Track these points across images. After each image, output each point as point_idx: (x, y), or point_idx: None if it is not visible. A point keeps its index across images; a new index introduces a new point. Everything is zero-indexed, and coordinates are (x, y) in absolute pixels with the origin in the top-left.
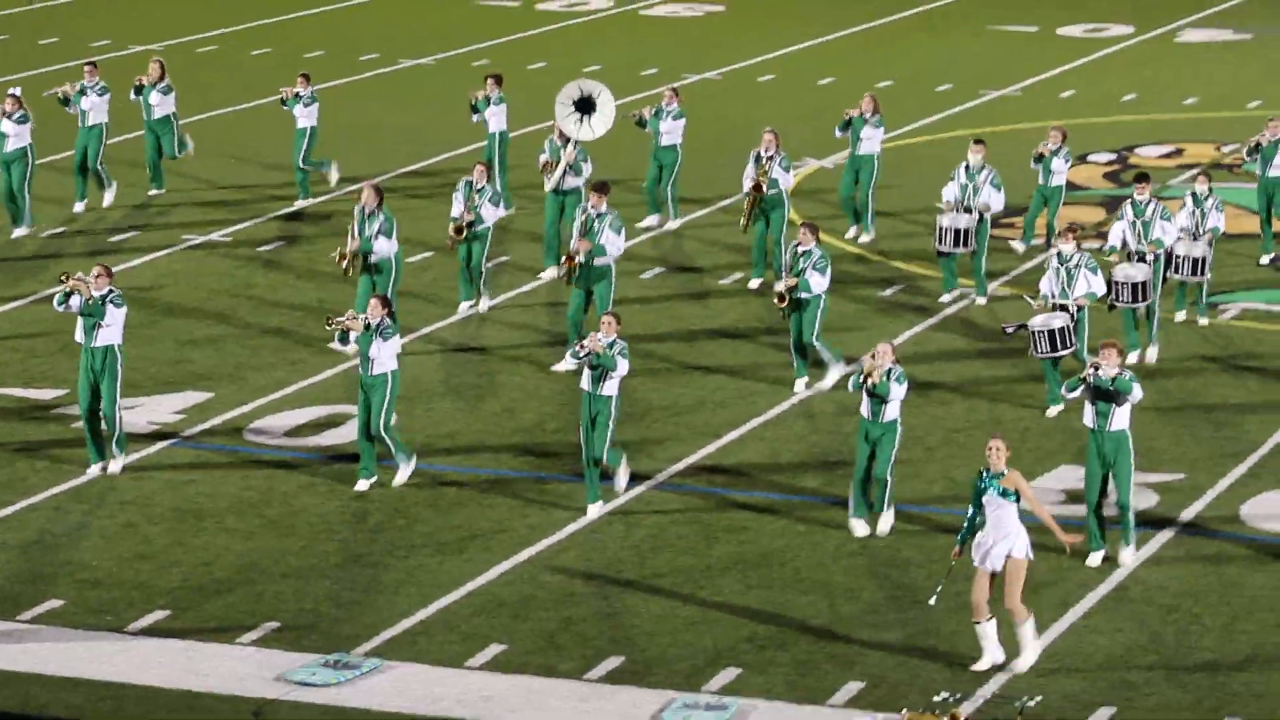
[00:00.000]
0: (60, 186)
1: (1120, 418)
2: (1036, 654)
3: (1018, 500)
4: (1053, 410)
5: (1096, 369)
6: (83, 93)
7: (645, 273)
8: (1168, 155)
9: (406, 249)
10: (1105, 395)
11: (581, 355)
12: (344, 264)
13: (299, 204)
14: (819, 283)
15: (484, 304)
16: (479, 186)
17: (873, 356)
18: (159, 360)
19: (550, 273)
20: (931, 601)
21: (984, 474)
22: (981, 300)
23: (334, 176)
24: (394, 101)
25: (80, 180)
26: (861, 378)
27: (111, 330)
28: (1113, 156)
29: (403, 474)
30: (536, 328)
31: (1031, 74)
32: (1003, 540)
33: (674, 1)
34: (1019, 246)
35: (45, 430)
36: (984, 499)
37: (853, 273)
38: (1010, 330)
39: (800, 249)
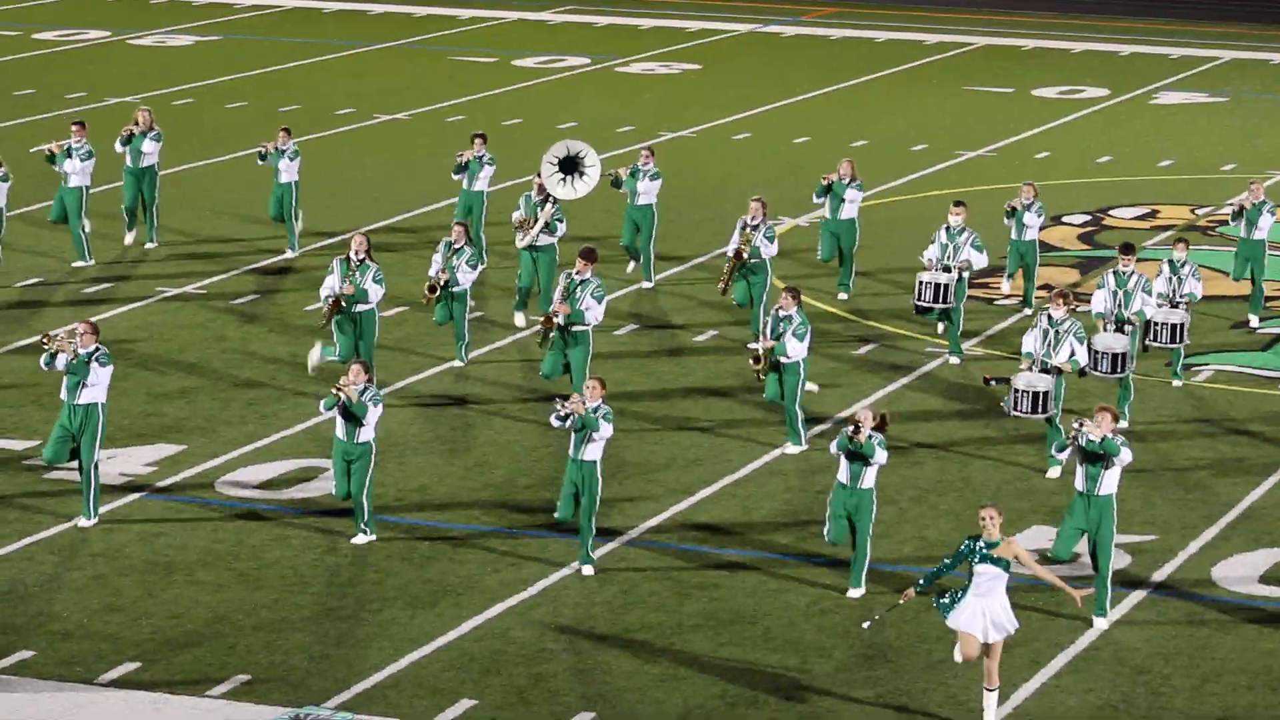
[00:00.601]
0: (34, 237)
1: (1109, 482)
2: None
3: (1009, 569)
4: (1053, 471)
5: (1081, 426)
6: (68, 154)
7: (620, 329)
8: (1142, 217)
9: (382, 303)
10: (1093, 457)
11: (563, 416)
12: (332, 313)
13: (289, 255)
14: (796, 350)
15: (458, 364)
16: (457, 247)
17: (858, 424)
18: (131, 412)
19: (520, 319)
20: (865, 625)
21: (976, 542)
22: (956, 360)
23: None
24: (369, 156)
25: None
26: (849, 440)
27: (96, 389)
28: (1088, 218)
29: (361, 539)
30: (510, 383)
31: (1007, 135)
32: (999, 612)
33: (650, 59)
34: (1006, 286)
35: (16, 482)
36: (976, 568)
37: (829, 330)
38: (993, 383)
39: (781, 314)
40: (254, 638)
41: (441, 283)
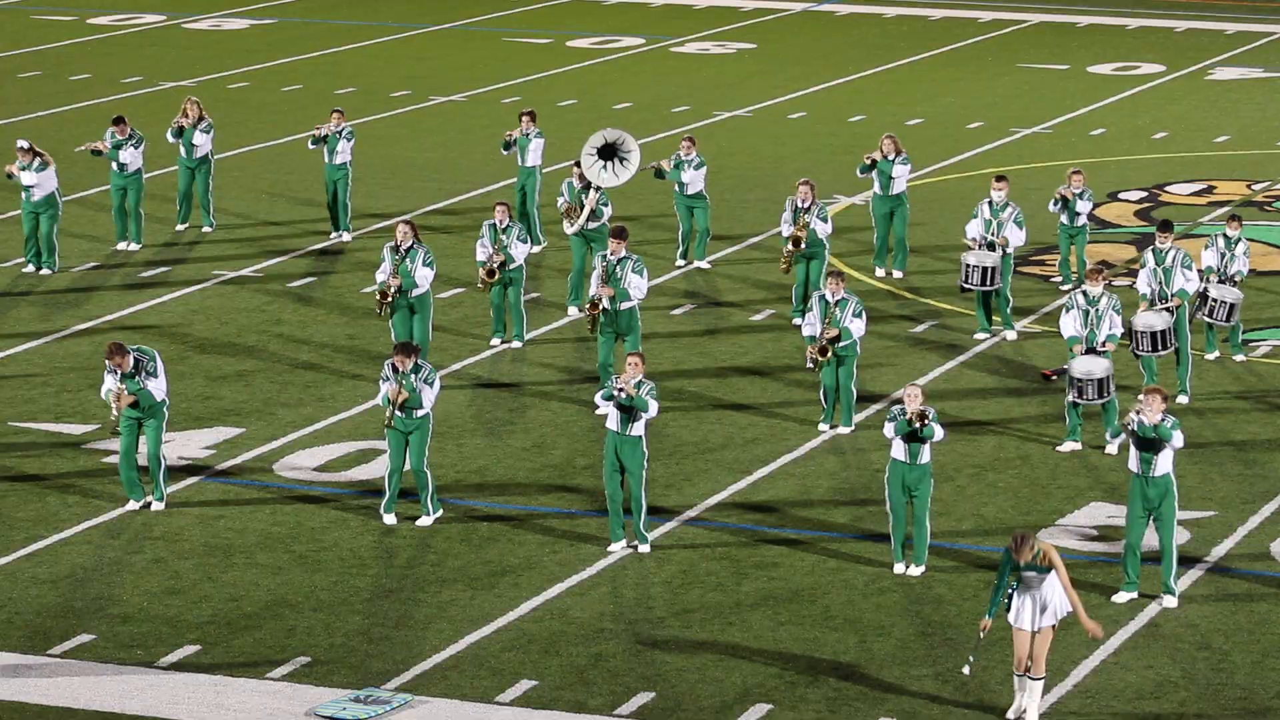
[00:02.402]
0: (91, 223)
1: (1164, 462)
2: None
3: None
4: (1067, 446)
5: (1137, 413)
6: (118, 147)
7: (675, 309)
8: (1199, 193)
9: (436, 286)
10: (1148, 443)
11: (616, 394)
12: (384, 303)
13: (346, 237)
14: (859, 328)
15: (517, 345)
16: (504, 226)
17: (910, 401)
18: (189, 396)
19: (574, 311)
20: (965, 671)
21: (1006, 570)
22: (1011, 335)
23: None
24: (424, 138)
25: (120, 222)
26: (907, 420)
27: (155, 392)
28: (1144, 194)
29: (425, 521)
30: (566, 364)
31: (1062, 112)
32: (1049, 601)
33: (705, 39)
34: (1064, 286)
35: (76, 465)
36: (1024, 574)
37: (883, 309)
38: (1053, 377)
39: (833, 298)
40: (313, 620)
41: (498, 264)
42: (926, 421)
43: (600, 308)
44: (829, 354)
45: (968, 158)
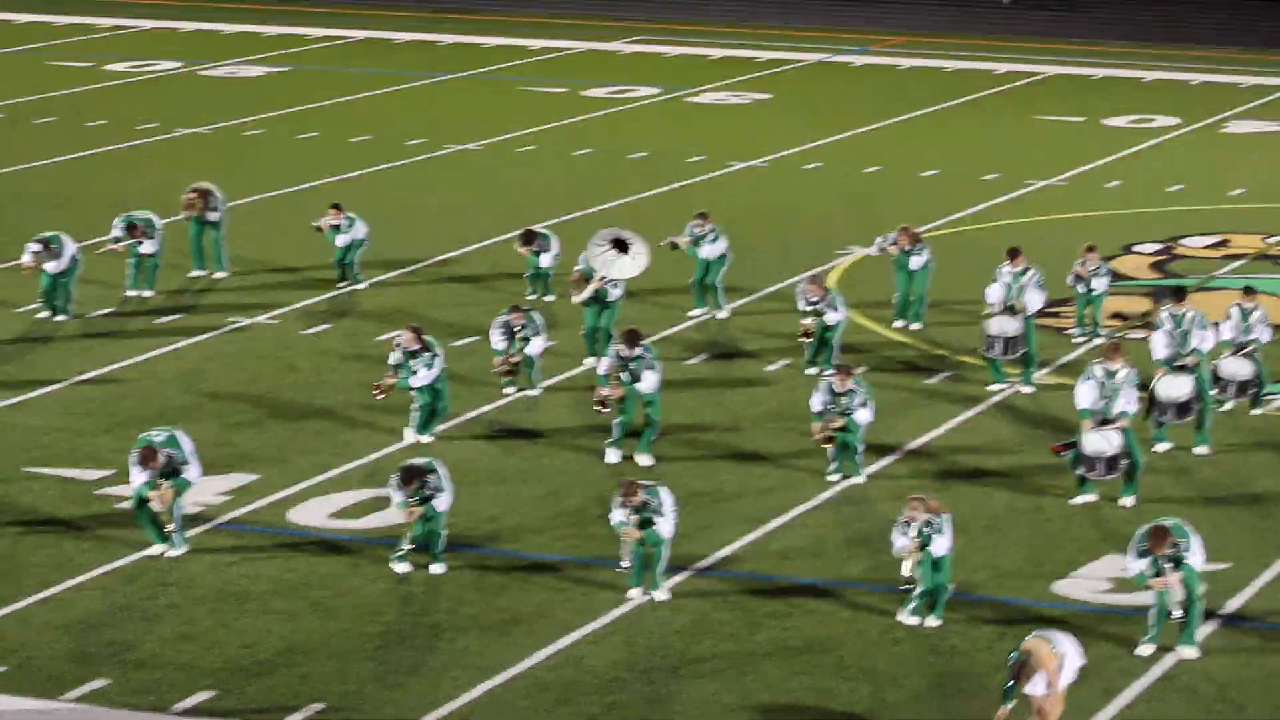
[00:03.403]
0: (107, 269)
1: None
2: None
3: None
4: (1080, 499)
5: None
6: (139, 243)
7: (690, 359)
8: (1214, 245)
9: (451, 332)
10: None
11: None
12: (380, 395)
13: (363, 285)
14: (865, 417)
15: (533, 392)
16: (519, 327)
17: (906, 533)
18: (203, 442)
19: (590, 361)
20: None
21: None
22: (1028, 390)
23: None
24: (440, 186)
25: (134, 273)
26: (904, 562)
27: (191, 478)
28: (1159, 246)
29: (439, 569)
30: (582, 413)
31: (1077, 164)
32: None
33: (720, 89)
34: (1079, 338)
35: (90, 510)
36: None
37: (899, 359)
38: (1062, 453)
39: (838, 389)
40: (327, 666)
41: (513, 362)
42: (915, 564)
43: (609, 404)
44: (834, 442)
45: (983, 209)
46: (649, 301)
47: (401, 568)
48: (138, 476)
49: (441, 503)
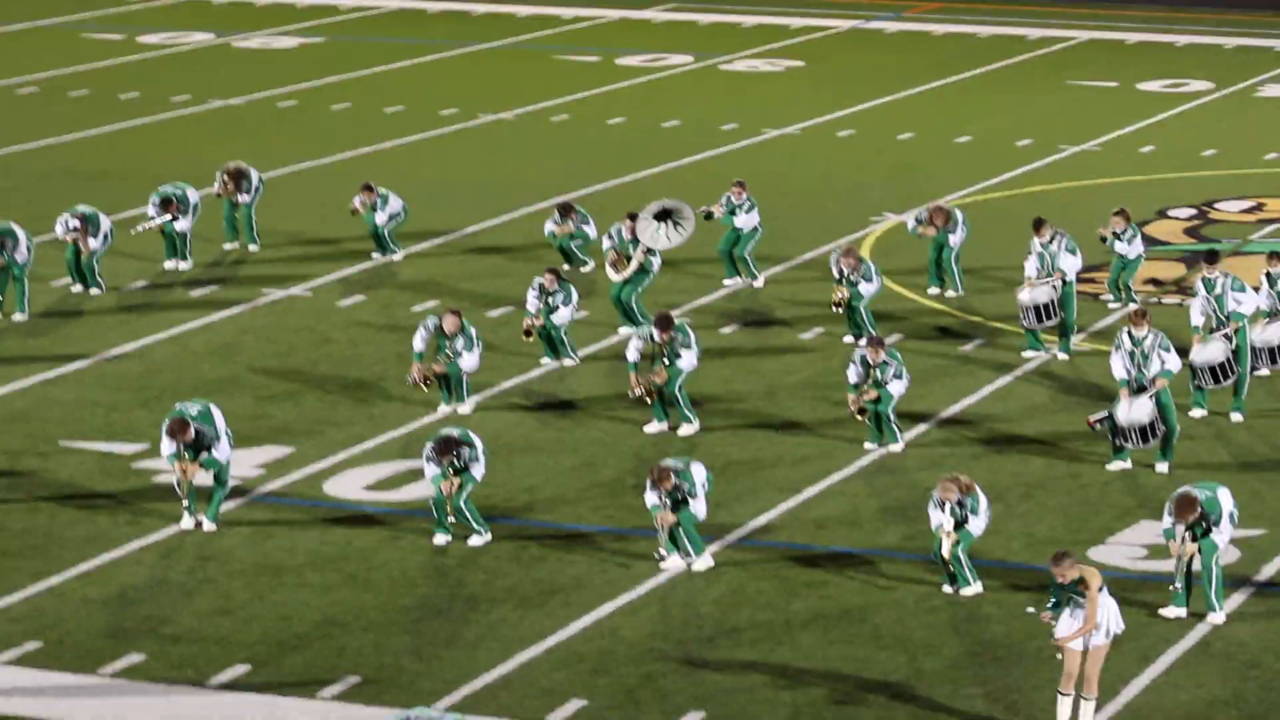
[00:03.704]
0: (139, 243)
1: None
2: None
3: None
4: (1115, 465)
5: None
6: (174, 219)
7: (725, 328)
8: (1248, 210)
9: (487, 303)
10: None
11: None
12: (422, 385)
13: (397, 256)
14: (899, 388)
15: (569, 361)
16: (552, 290)
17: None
18: (239, 415)
19: (625, 330)
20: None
21: (1056, 586)
22: (1064, 356)
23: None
24: (474, 156)
25: (167, 244)
26: (940, 549)
27: (221, 456)
28: (1193, 211)
29: (476, 540)
30: (616, 383)
31: (1111, 129)
32: (1102, 619)
33: (754, 57)
34: (1113, 304)
35: (126, 484)
36: (1066, 609)
37: (935, 326)
38: (1097, 426)
39: (873, 361)
40: (363, 639)
41: (538, 325)
42: (951, 547)
43: (650, 391)
44: (867, 414)
45: (1016, 175)
46: (683, 270)
47: (441, 539)
48: (167, 447)
49: (476, 474)
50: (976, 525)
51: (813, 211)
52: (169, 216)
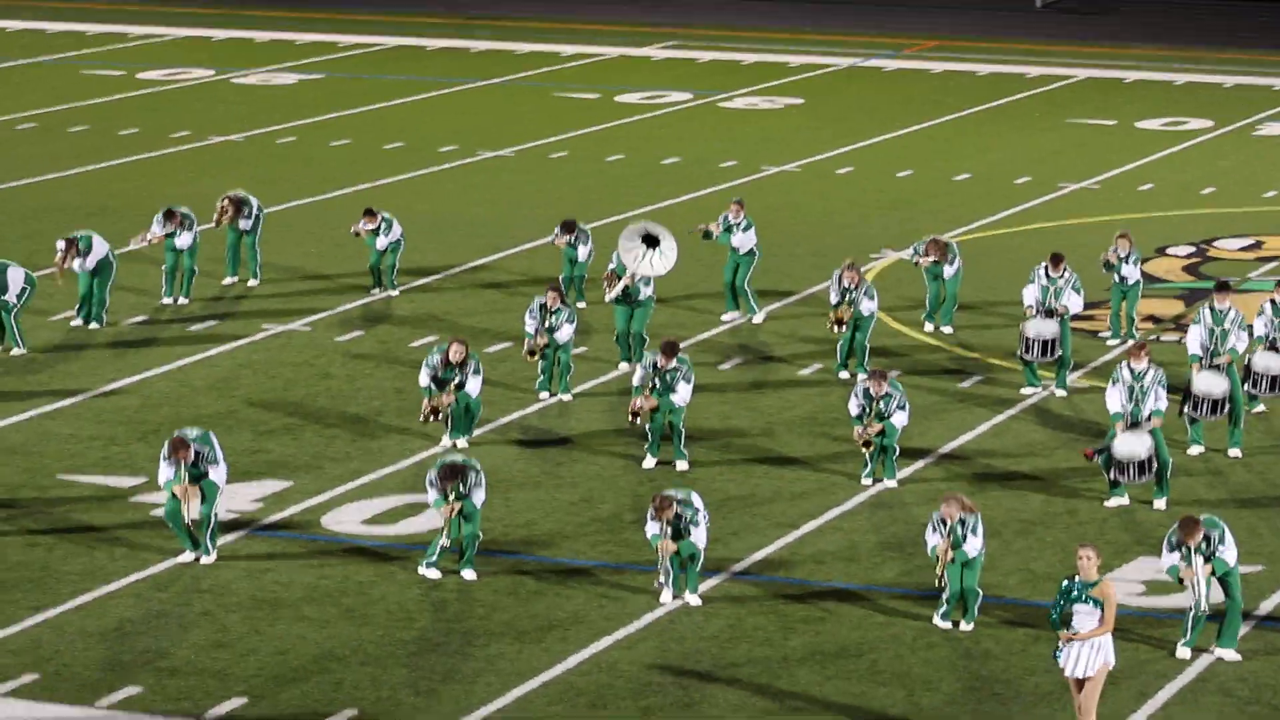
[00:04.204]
0: (140, 276)
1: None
2: None
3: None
4: (1113, 501)
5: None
6: (173, 236)
7: (723, 363)
8: (1247, 248)
9: (484, 338)
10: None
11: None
12: (432, 418)
13: (393, 293)
14: (902, 420)
15: (566, 398)
16: (554, 309)
17: (945, 524)
18: (237, 450)
19: (624, 366)
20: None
21: (1074, 581)
22: (1061, 393)
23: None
24: (472, 193)
25: (168, 281)
26: (937, 561)
27: (218, 481)
28: (1192, 249)
29: (470, 575)
30: (614, 418)
31: (1110, 167)
32: (1096, 648)
33: (753, 94)
34: (1111, 340)
35: (124, 517)
36: (1075, 607)
37: (932, 363)
38: (1094, 458)
39: (876, 394)
40: (360, 673)
41: (541, 346)
42: (949, 561)
43: (644, 414)
44: (872, 446)
45: (1015, 213)
46: (682, 305)
47: (432, 574)
48: (165, 470)
49: (478, 499)
50: (973, 545)
51: (812, 248)
52: (173, 229)
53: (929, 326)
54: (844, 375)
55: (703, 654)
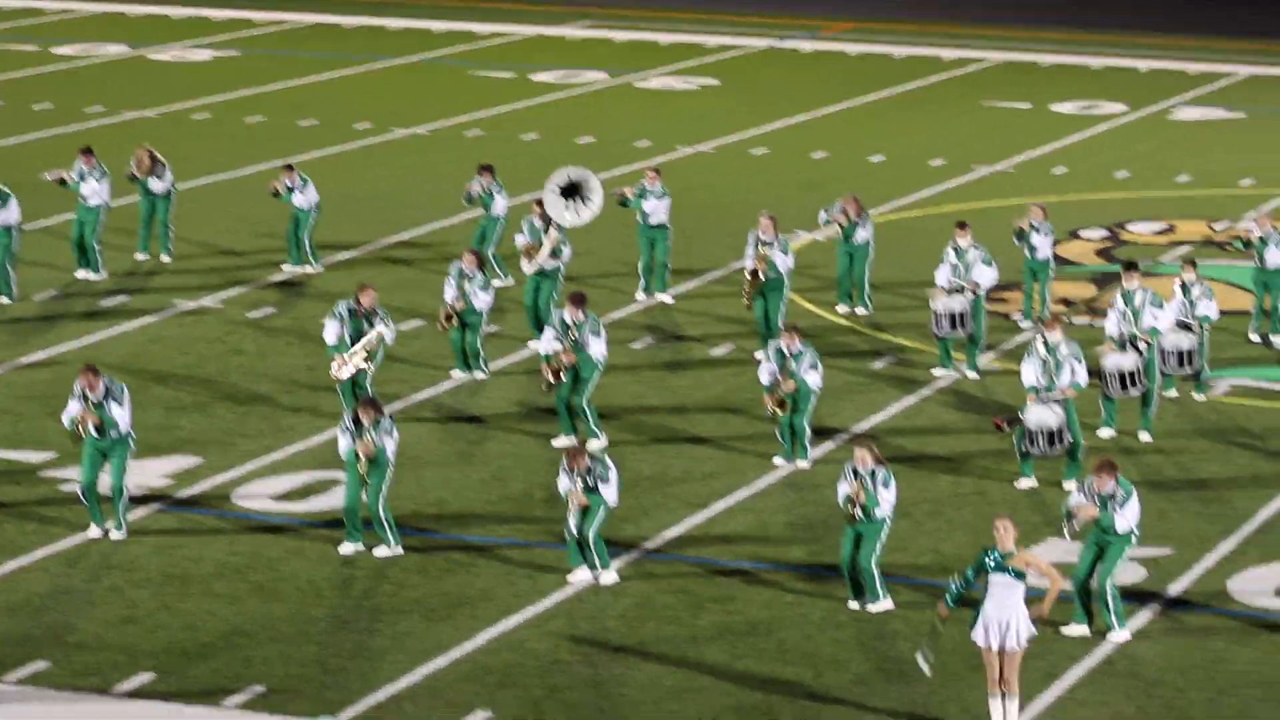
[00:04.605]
0: (52, 251)
1: (1122, 526)
2: None
3: (1023, 579)
4: (1023, 483)
5: (1073, 518)
6: (82, 178)
7: (635, 342)
8: (1160, 232)
9: (397, 317)
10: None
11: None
12: (346, 368)
13: (311, 270)
14: (815, 380)
15: (480, 375)
16: (470, 274)
17: (856, 474)
18: (148, 425)
19: (535, 345)
20: (923, 667)
21: (990, 553)
22: (973, 375)
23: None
24: (387, 170)
25: (78, 254)
26: (849, 505)
27: (120, 420)
28: (1105, 233)
29: (385, 552)
30: (526, 397)
31: (1025, 150)
32: (1015, 621)
33: (669, 75)
34: (1025, 323)
35: (33, 493)
36: (992, 578)
37: (844, 344)
38: (1004, 427)
39: (790, 350)
40: (270, 649)
41: (457, 310)
42: (862, 502)
43: (560, 373)
44: (786, 406)
45: (930, 195)
46: (593, 285)
47: (350, 547)
48: (73, 407)
49: (390, 448)
50: (887, 498)
51: (727, 229)
52: (85, 168)
53: (842, 308)
54: (758, 356)
55: (612, 632)
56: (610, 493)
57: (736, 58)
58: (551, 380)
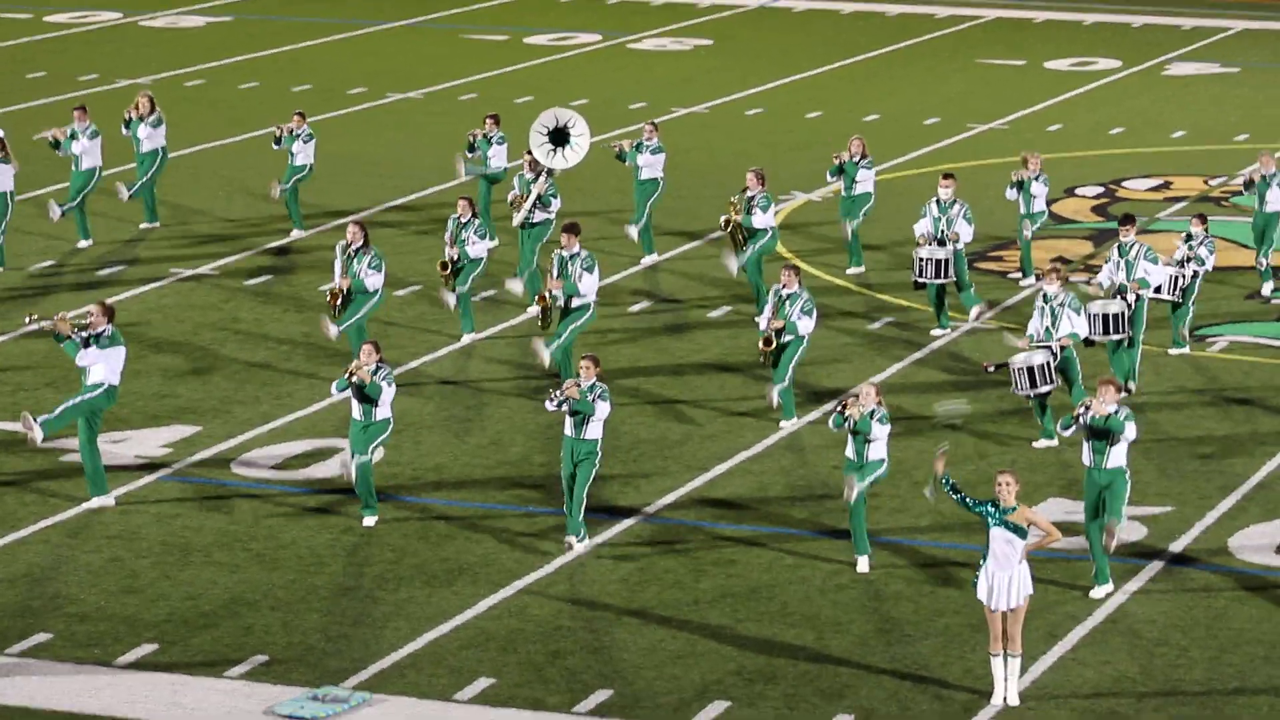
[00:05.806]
0: (44, 221)
1: (1116, 455)
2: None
3: (1024, 536)
4: (1041, 443)
5: (1087, 409)
6: (73, 137)
7: (631, 306)
8: (1155, 188)
9: (393, 283)
10: (1099, 434)
11: (560, 401)
12: (336, 303)
13: (294, 235)
14: (806, 326)
15: (467, 339)
16: (464, 221)
17: (856, 398)
18: (145, 394)
19: (534, 309)
20: (927, 494)
21: (993, 507)
22: (977, 308)
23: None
24: (381, 135)
25: (80, 219)
26: (843, 418)
27: (97, 370)
28: (1100, 189)
29: (370, 520)
30: (524, 362)
31: (1019, 107)
32: (1015, 578)
33: (662, 35)
34: (1024, 281)
35: (33, 464)
36: (992, 533)
37: (840, 305)
38: (992, 369)
39: (785, 292)
40: (271, 618)
41: (454, 259)
42: (855, 413)
43: (549, 301)
44: (773, 344)
45: (924, 154)
46: (591, 248)
47: (370, 520)
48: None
49: (601, 409)
50: (879, 435)
51: (722, 190)
52: (78, 126)
53: (852, 270)
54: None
55: (613, 596)
56: (603, 408)
57: (729, 18)
58: (540, 316)
